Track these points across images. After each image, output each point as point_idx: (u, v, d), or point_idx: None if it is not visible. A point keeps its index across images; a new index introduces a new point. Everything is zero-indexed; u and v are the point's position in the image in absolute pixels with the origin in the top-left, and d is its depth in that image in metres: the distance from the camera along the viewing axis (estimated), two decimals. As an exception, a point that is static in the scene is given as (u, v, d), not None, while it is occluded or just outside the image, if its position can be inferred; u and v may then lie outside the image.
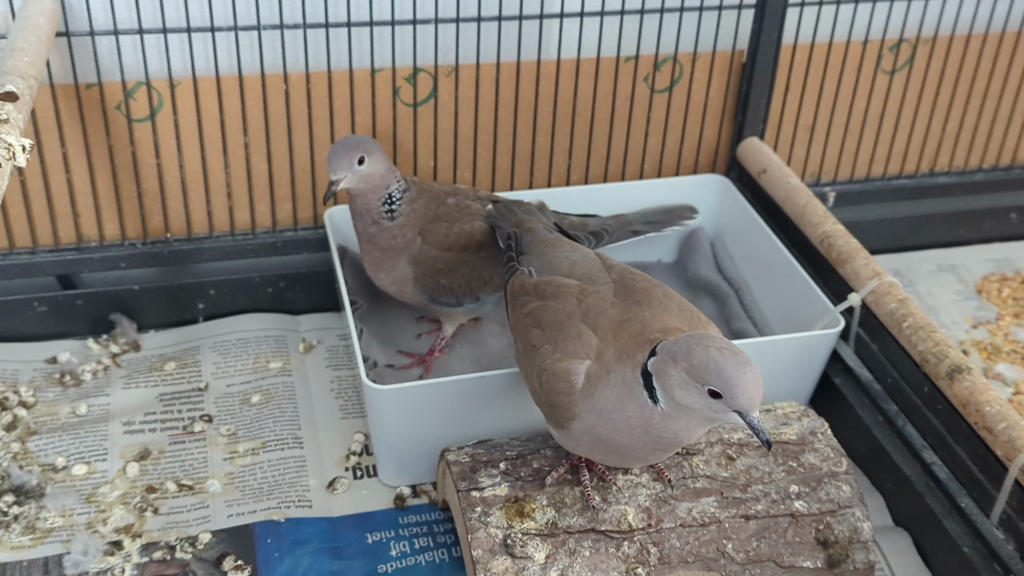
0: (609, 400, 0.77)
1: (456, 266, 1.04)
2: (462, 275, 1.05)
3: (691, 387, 0.73)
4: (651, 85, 1.23)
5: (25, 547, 0.93)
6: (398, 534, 0.97)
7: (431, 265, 1.04)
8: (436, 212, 1.05)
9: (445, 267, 1.04)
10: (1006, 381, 1.16)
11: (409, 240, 1.04)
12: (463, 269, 1.05)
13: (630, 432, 0.77)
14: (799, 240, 1.16)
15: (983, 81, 1.33)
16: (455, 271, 1.04)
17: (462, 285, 1.05)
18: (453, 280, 1.04)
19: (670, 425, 0.75)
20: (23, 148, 0.76)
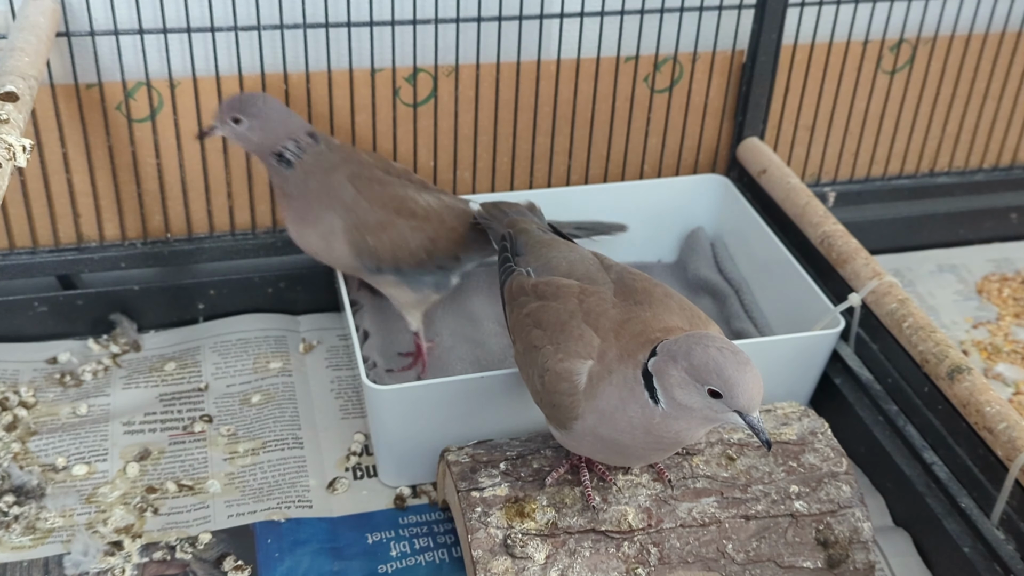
0: (611, 400, 0.77)
1: (384, 226, 1.02)
2: (388, 238, 1.02)
3: (691, 387, 0.73)
4: (651, 85, 1.23)
5: (25, 547, 0.93)
6: (398, 534, 0.97)
7: (362, 216, 1.01)
8: (360, 171, 1.03)
9: (376, 223, 1.02)
10: (1006, 381, 1.16)
11: (335, 191, 1.02)
12: (390, 232, 1.02)
13: (632, 432, 0.77)
14: (799, 240, 1.16)
15: (983, 81, 1.33)
16: (383, 231, 1.02)
17: (386, 249, 1.02)
18: (379, 242, 1.02)
19: (671, 425, 0.75)
20: (23, 148, 0.75)
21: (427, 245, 1.04)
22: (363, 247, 1.02)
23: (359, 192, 1.02)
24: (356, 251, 1.03)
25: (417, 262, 1.04)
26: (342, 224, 1.02)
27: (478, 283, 1.20)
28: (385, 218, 1.02)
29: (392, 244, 1.03)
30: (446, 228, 1.05)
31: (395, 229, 1.03)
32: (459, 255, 1.07)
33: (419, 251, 1.04)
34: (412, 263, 1.04)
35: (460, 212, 1.07)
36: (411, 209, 1.03)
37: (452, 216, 1.06)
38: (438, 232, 1.05)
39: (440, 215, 1.05)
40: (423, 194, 1.06)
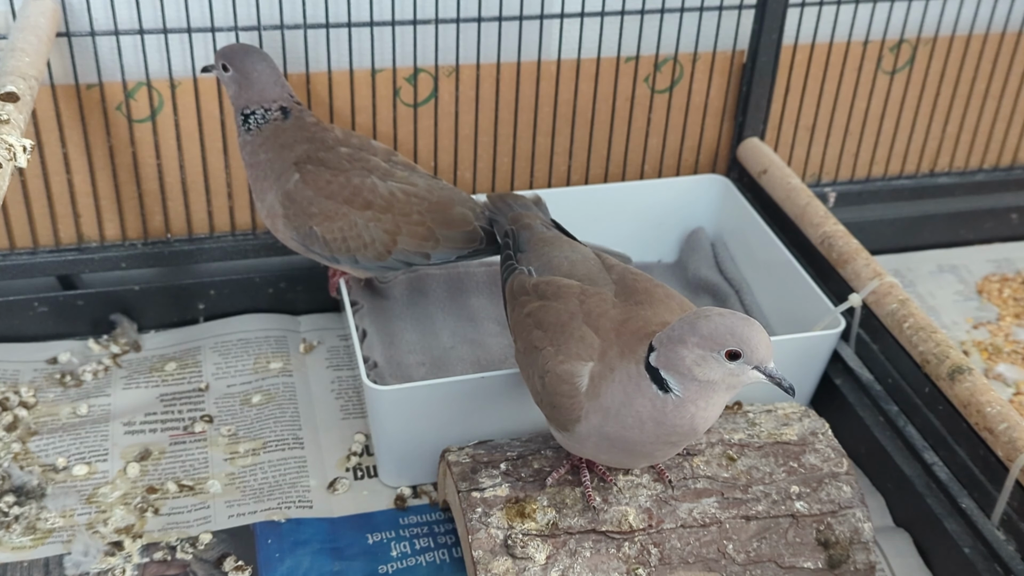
0: (616, 398, 0.77)
1: (333, 217, 0.99)
2: (339, 229, 0.99)
3: (708, 358, 0.73)
4: (651, 85, 1.23)
5: (26, 547, 0.93)
6: (399, 534, 0.97)
7: (304, 207, 0.99)
8: (316, 155, 1.01)
9: (320, 213, 0.99)
10: (1007, 382, 1.16)
11: (280, 172, 1.00)
12: (341, 222, 0.99)
13: (641, 427, 0.76)
14: (799, 240, 1.16)
15: (983, 81, 1.33)
16: (331, 221, 0.99)
17: (338, 240, 0.99)
18: (328, 232, 0.99)
19: (686, 410, 0.75)
20: (24, 149, 0.75)
21: (385, 239, 1.00)
22: (309, 234, 1.00)
23: (304, 177, 1.00)
24: (301, 237, 1.00)
25: (375, 255, 1.01)
26: (280, 208, 1.00)
27: (478, 283, 1.20)
28: (332, 208, 0.99)
29: (343, 235, 0.99)
30: (411, 222, 1.00)
31: (346, 220, 0.99)
32: (428, 252, 1.01)
33: (376, 244, 1.00)
34: (370, 256, 1.01)
35: (439, 206, 1.01)
36: (366, 199, 0.99)
37: (425, 209, 1.01)
38: (400, 226, 1.00)
39: (406, 207, 1.00)
40: (391, 182, 1.01)
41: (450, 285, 1.20)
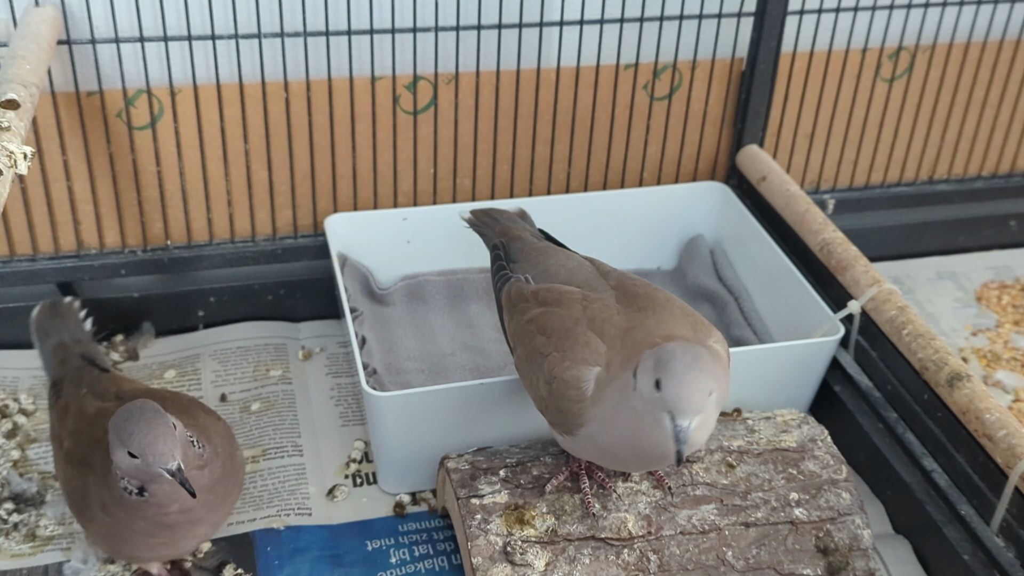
0: (608, 407, 0.77)
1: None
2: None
3: (648, 373, 0.73)
4: (650, 93, 1.23)
5: (25, 555, 0.93)
6: (398, 541, 0.97)
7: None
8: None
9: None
10: (1006, 388, 1.16)
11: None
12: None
13: (621, 438, 0.76)
14: (798, 247, 1.16)
15: (982, 89, 1.33)
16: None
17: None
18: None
19: (651, 431, 0.75)
20: (24, 156, 0.76)
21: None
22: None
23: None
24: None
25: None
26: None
27: (477, 290, 1.20)
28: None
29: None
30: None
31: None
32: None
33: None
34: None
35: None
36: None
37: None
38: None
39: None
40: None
41: (449, 292, 1.20)
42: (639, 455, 0.78)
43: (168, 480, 0.76)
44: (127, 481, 0.79)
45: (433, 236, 1.19)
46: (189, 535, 0.83)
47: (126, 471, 0.78)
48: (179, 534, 0.82)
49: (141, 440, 0.76)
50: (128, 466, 0.77)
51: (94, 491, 0.81)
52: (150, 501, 0.79)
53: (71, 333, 0.99)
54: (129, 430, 0.76)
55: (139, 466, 0.76)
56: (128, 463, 0.77)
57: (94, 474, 0.81)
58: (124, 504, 0.79)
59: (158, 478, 0.77)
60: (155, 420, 0.76)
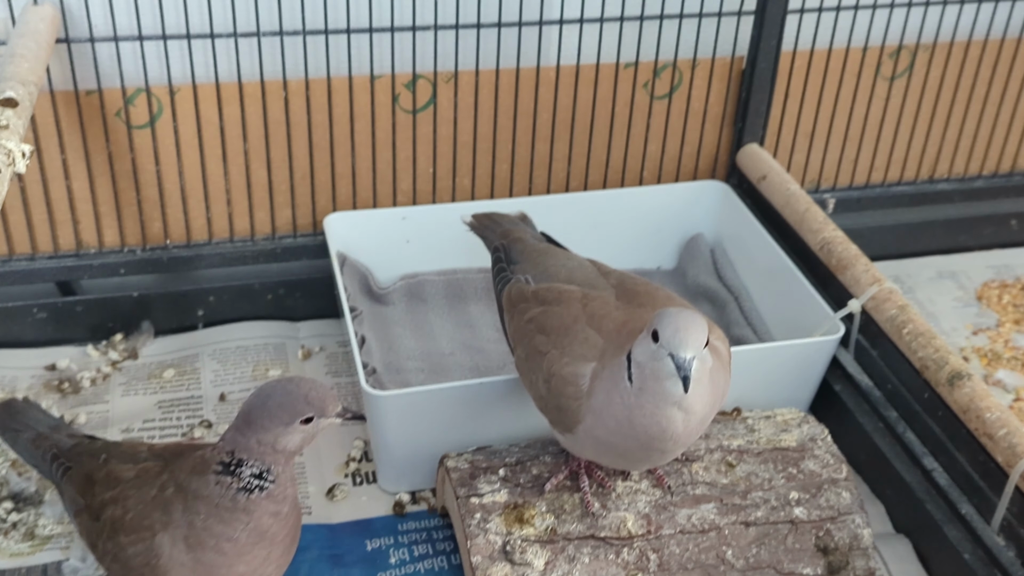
0: (600, 397, 0.77)
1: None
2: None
3: (644, 340, 0.74)
4: (651, 92, 1.23)
5: (24, 554, 0.93)
6: (397, 541, 0.96)
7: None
8: None
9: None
10: (1006, 387, 1.16)
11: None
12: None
13: (617, 426, 0.76)
14: (799, 246, 1.16)
15: (983, 87, 1.33)
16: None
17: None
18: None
19: (645, 406, 0.75)
20: (23, 154, 0.76)
21: None
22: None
23: None
24: None
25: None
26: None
27: (476, 289, 1.20)
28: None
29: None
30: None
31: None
32: None
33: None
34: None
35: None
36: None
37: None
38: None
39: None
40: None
41: (449, 291, 1.20)
42: (634, 443, 0.77)
43: (283, 467, 0.76)
44: (255, 465, 0.75)
45: (432, 235, 1.19)
46: (269, 560, 0.79)
47: (295, 446, 0.76)
48: (268, 552, 0.78)
49: (317, 395, 0.75)
50: (298, 439, 0.75)
51: (167, 546, 0.77)
52: (269, 494, 0.76)
53: (44, 423, 0.93)
54: (300, 393, 0.75)
55: (308, 433, 0.76)
56: (300, 435, 0.75)
57: (165, 529, 0.77)
58: (224, 518, 0.76)
59: (305, 445, 0.76)
60: (309, 379, 0.77)
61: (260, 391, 0.77)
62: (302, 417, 0.75)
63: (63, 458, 0.87)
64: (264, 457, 0.75)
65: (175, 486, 0.78)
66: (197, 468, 0.77)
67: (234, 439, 0.76)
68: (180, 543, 0.76)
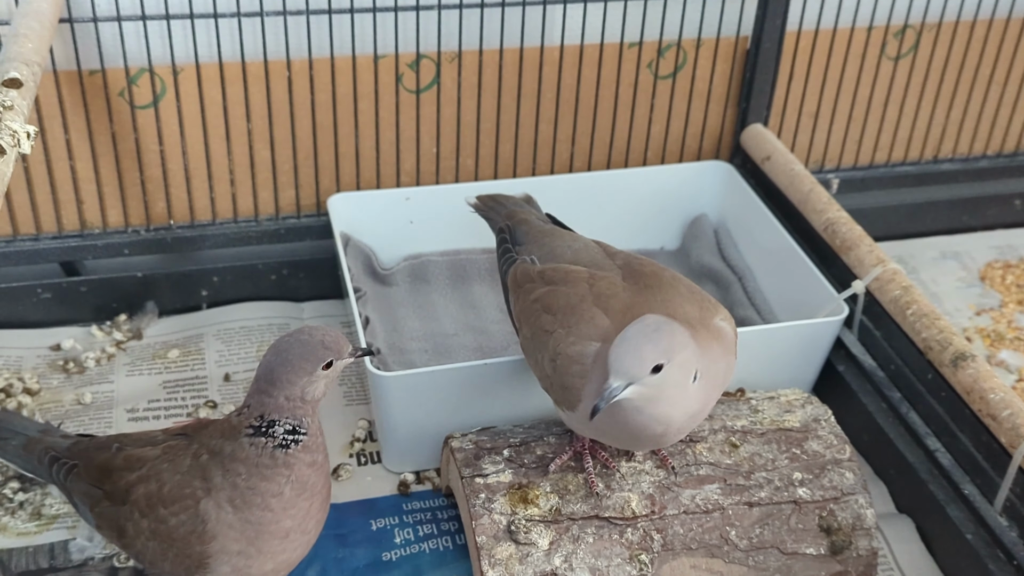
0: (597, 381, 0.77)
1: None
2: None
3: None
4: (655, 71, 1.23)
5: (31, 533, 0.94)
6: (402, 520, 0.97)
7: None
8: None
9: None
10: (1010, 368, 1.16)
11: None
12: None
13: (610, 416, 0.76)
14: (803, 227, 1.16)
15: (988, 67, 1.32)
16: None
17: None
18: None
19: (620, 411, 0.75)
20: (28, 135, 0.75)
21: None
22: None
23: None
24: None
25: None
26: None
27: (480, 270, 1.20)
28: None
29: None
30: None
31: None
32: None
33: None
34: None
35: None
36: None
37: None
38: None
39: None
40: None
41: (452, 272, 1.20)
42: (626, 433, 0.78)
43: (312, 417, 0.77)
44: (287, 422, 0.76)
45: (436, 216, 1.19)
46: (311, 514, 0.80)
47: (319, 391, 0.77)
48: (310, 504, 0.79)
49: (330, 337, 0.77)
50: (320, 384, 0.77)
51: (213, 510, 0.77)
52: (305, 445, 0.77)
53: (32, 428, 0.92)
54: (315, 340, 0.76)
55: (330, 378, 0.77)
56: (321, 380, 0.77)
57: (208, 495, 0.77)
58: (266, 475, 0.76)
59: (328, 389, 0.78)
60: (318, 325, 0.79)
61: (276, 348, 0.77)
62: (323, 363, 0.76)
63: (64, 458, 0.86)
64: (295, 411, 0.76)
65: (208, 452, 0.78)
66: (227, 434, 0.78)
67: (261, 401, 0.76)
68: (226, 505, 0.77)
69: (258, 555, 0.78)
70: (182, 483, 0.78)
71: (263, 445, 0.76)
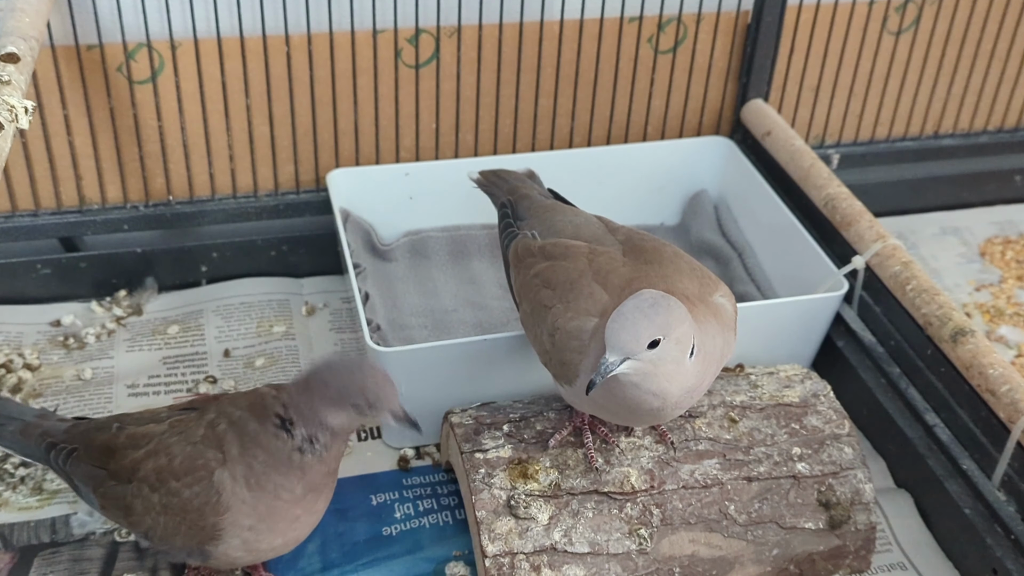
0: (594, 356, 0.77)
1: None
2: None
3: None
4: (655, 46, 1.22)
5: (32, 507, 0.94)
6: (402, 495, 0.97)
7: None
8: None
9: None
10: (1009, 344, 1.16)
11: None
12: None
13: (607, 392, 0.76)
14: (803, 203, 1.16)
15: (989, 42, 1.32)
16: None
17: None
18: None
19: (617, 385, 0.75)
20: (26, 110, 0.75)
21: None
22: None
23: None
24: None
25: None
26: None
27: (480, 246, 1.20)
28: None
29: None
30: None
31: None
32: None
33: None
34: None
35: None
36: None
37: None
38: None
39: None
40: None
41: (452, 248, 1.19)
42: (623, 408, 0.78)
43: (332, 441, 0.76)
44: (302, 430, 0.75)
45: (436, 192, 1.19)
46: (318, 502, 0.80)
47: (338, 427, 0.75)
48: (318, 495, 0.79)
49: (375, 390, 0.75)
50: (343, 423, 0.75)
51: (228, 481, 0.76)
52: (322, 457, 0.76)
53: (27, 413, 0.90)
54: (359, 382, 0.74)
55: (354, 421, 0.75)
56: (346, 420, 0.75)
57: (222, 466, 0.76)
58: (282, 471, 0.76)
59: (355, 427, 0.76)
60: (377, 369, 0.76)
61: (329, 360, 0.76)
62: (355, 408, 0.75)
63: (62, 442, 0.85)
64: (310, 425, 0.75)
65: (227, 421, 0.78)
66: (256, 409, 0.77)
67: (292, 395, 0.76)
68: (240, 480, 0.76)
69: (268, 532, 0.78)
70: (194, 454, 0.78)
71: (285, 440, 0.75)
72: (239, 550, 0.79)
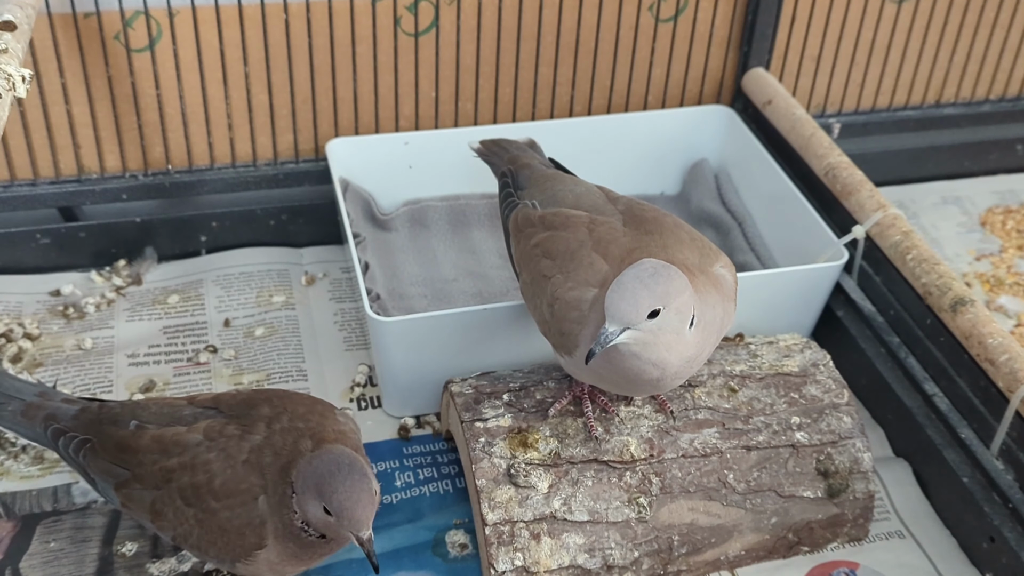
0: (593, 326, 0.77)
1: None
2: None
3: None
4: (656, 15, 1.22)
5: (34, 476, 0.94)
6: (403, 464, 0.98)
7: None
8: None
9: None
10: (1008, 313, 1.16)
11: None
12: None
13: (606, 362, 0.76)
14: (804, 172, 1.16)
15: (992, 11, 1.31)
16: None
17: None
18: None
19: (617, 355, 0.75)
20: (23, 79, 0.75)
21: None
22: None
23: None
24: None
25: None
26: None
27: (479, 215, 1.20)
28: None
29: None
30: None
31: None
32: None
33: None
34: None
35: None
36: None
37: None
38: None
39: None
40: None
41: (452, 217, 1.19)
42: (622, 378, 0.78)
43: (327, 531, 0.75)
44: (306, 525, 0.75)
45: (435, 161, 1.18)
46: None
47: (314, 522, 0.74)
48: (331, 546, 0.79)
49: (343, 502, 0.72)
50: (319, 520, 0.74)
51: (268, 512, 0.75)
52: (328, 541, 0.76)
53: (27, 391, 0.87)
54: (332, 487, 0.72)
55: (330, 523, 0.73)
56: (320, 517, 0.73)
57: (265, 492, 0.75)
58: (296, 537, 0.75)
59: (344, 538, 0.75)
60: (361, 483, 0.72)
61: (328, 455, 0.74)
62: (324, 505, 0.73)
63: (72, 431, 0.83)
64: (299, 509, 0.74)
65: (274, 455, 0.77)
66: (292, 462, 0.76)
67: (301, 469, 0.75)
68: (276, 514, 0.76)
69: (293, 559, 0.78)
70: (237, 478, 0.76)
71: (294, 511, 0.75)
72: (267, 572, 0.79)
